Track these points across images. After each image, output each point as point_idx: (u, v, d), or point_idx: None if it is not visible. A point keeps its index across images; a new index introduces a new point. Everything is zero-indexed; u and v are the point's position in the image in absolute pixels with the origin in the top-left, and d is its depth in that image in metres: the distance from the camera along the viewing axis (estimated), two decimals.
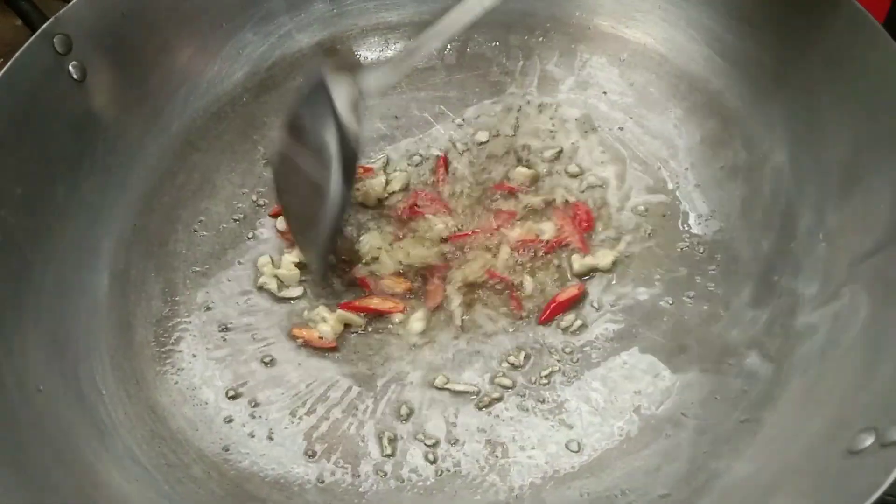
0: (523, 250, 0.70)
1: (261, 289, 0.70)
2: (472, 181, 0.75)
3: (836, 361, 0.58)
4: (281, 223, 0.73)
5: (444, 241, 0.71)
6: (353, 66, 0.64)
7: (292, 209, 0.69)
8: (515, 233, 0.70)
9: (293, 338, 0.68)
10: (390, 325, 0.68)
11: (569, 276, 0.69)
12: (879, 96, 0.62)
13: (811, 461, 0.52)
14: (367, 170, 0.76)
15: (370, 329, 0.68)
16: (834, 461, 0.50)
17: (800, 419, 0.57)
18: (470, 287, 0.68)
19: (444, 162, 0.76)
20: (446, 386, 0.64)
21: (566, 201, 0.73)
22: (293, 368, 0.66)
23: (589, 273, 0.69)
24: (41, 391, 0.58)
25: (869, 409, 0.51)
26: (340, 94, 0.62)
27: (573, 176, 0.75)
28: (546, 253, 0.70)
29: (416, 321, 0.67)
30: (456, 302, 0.68)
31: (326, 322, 0.67)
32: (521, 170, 0.74)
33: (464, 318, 0.68)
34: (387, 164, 0.77)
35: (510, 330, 0.67)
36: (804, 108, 0.69)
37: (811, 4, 0.67)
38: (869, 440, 0.48)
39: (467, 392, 0.64)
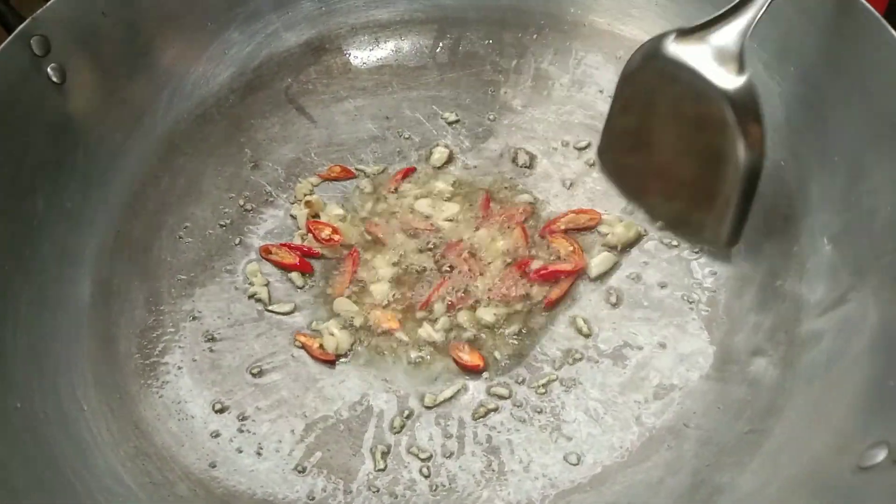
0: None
1: (250, 298, 0.68)
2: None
3: (843, 370, 0.56)
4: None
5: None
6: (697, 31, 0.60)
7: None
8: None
9: (289, 345, 0.66)
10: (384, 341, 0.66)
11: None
12: (883, 93, 0.60)
13: (819, 476, 0.50)
14: (347, 171, 0.75)
15: (365, 344, 0.66)
16: (843, 477, 0.48)
17: (806, 431, 0.55)
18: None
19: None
20: (436, 403, 0.63)
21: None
22: (282, 380, 0.64)
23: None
24: (19, 408, 0.56)
25: (879, 422, 0.49)
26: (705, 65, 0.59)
27: (568, 180, 0.74)
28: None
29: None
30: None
31: (334, 336, 0.65)
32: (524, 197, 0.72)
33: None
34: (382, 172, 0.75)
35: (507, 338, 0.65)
36: (805, 105, 0.67)
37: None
38: (880, 455, 0.46)
39: (458, 393, 0.63)
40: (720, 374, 0.62)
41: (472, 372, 0.64)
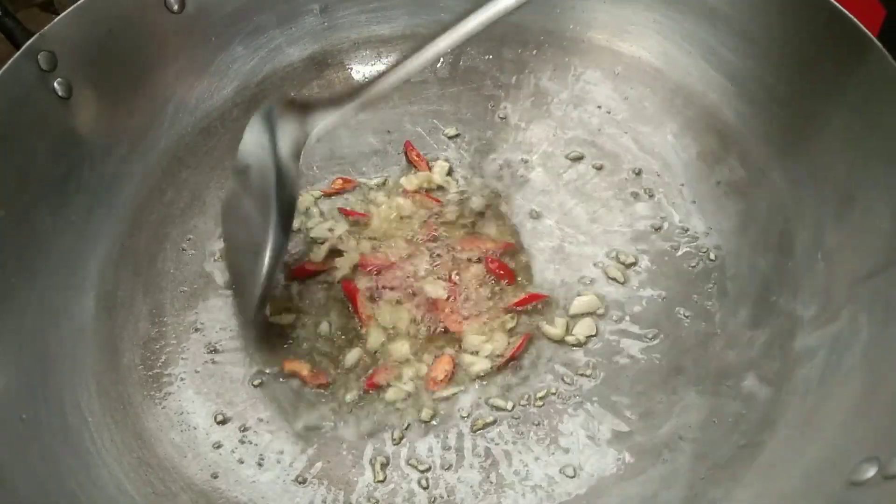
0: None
1: None
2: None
3: (835, 386, 0.57)
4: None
5: None
6: (303, 106, 0.63)
7: (233, 256, 0.69)
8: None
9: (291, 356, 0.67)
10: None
11: None
12: (877, 113, 0.61)
13: (811, 491, 0.51)
14: (347, 181, 0.76)
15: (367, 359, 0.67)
16: (835, 492, 0.49)
17: (799, 445, 0.56)
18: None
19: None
20: (433, 420, 0.63)
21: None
22: (283, 392, 0.65)
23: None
24: (24, 419, 0.57)
25: (870, 438, 0.50)
26: (284, 134, 0.61)
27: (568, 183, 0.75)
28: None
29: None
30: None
31: None
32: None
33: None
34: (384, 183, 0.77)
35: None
36: (801, 123, 0.68)
37: (806, 19, 0.66)
38: (871, 471, 0.47)
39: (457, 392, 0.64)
40: (715, 389, 0.63)
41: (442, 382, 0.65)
